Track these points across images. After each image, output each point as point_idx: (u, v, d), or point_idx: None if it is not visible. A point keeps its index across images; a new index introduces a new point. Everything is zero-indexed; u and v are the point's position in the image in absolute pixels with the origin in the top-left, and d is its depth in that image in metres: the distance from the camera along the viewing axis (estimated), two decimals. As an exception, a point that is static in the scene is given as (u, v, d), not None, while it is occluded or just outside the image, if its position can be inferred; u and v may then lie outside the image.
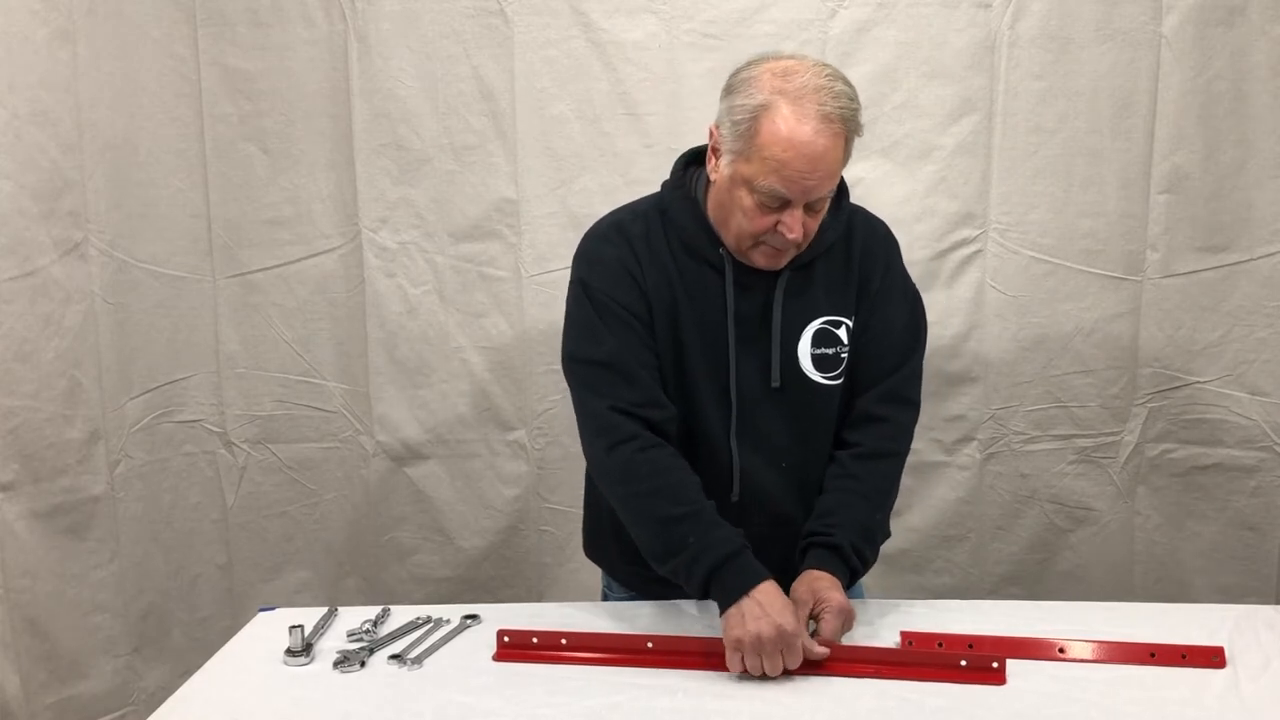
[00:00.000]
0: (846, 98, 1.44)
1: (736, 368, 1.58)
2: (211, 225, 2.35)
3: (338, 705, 1.40)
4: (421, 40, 2.26)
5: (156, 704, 1.44)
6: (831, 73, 1.46)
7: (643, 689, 1.41)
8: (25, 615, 2.04)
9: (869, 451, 1.62)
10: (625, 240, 1.59)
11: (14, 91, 1.96)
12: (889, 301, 1.64)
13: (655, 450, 1.55)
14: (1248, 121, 2.22)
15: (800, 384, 1.59)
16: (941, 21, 2.22)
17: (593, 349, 1.58)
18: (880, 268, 1.63)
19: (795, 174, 1.43)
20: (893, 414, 1.64)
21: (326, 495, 2.48)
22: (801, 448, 1.63)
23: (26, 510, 2.04)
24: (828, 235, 1.58)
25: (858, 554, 1.56)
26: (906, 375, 1.65)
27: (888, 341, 1.64)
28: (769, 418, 1.60)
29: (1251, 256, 2.28)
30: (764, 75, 1.45)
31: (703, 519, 1.51)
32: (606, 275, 1.58)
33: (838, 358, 1.60)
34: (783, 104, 1.42)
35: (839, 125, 1.43)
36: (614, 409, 1.56)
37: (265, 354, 2.41)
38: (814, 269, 1.59)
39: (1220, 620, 1.56)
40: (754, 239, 1.51)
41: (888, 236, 1.68)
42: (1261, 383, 2.31)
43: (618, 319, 1.57)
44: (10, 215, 1.97)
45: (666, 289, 1.58)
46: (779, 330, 1.57)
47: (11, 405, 2.00)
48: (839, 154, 1.45)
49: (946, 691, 1.39)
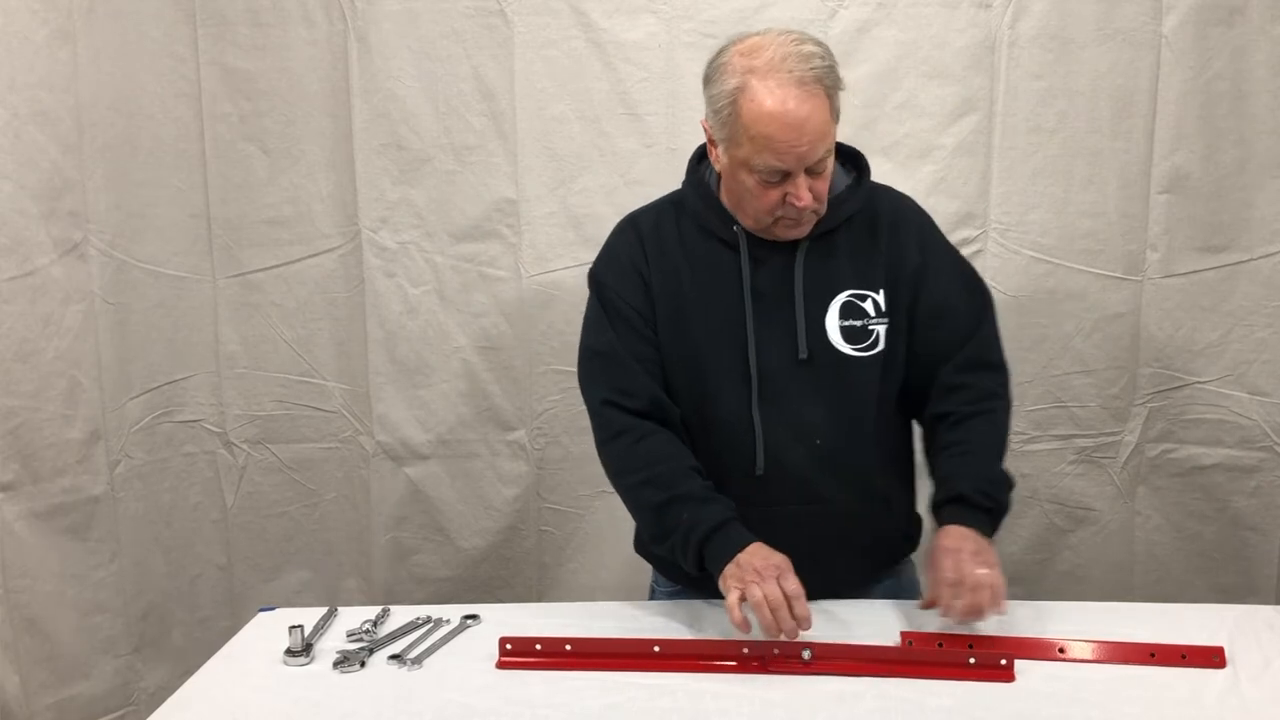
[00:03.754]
0: (817, 58, 1.45)
1: (757, 341, 1.58)
2: (211, 225, 2.35)
3: (338, 705, 1.40)
4: (421, 40, 2.26)
5: (156, 704, 1.44)
6: (797, 37, 1.48)
7: (643, 689, 1.41)
8: (25, 615, 2.04)
9: (962, 415, 1.61)
10: (636, 234, 1.66)
11: (14, 91, 1.96)
12: (939, 274, 1.63)
13: (646, 441, 1.60)
14: (1248, 121, 2.22)
15: (829, 356, 1.59)
16: (941, 21, 2.22)
17: (594, 339, 1.68)
18: (914, 242, 1.63)
19: (784, 145, 1.45)
20: (975, 380, 1.63)
21: (326, 495, 2.48)
22: (835, 425, 1.61)
23: (26, 510, 2.04)
24: (846, 206, 1.59)
25: (985, 495, 1.55)
26: (980, 341, 1.65)
27: (950, 313, 1.63)
28: (797, 391, 1.60)
29: (1251, 256, 2.28)
30: (733, 58, 1.49)
31: (692, 498, 1.55)
32: (614, 270, 1.66)
33: (866, 330, 1.60)
34: (754, 81, 1.45)
35: (814, 86, 1.44)
36: (606, 403, 1.64)
37: (265, 354, 2.41)
38: (835, 240, 1.60)
39: (1220, 620, 1.55)
40: (769, 215, 1.53)
41: (916, 210, 1.68)
42: (1261, 383, 2.31)
43: (619, 313, 1.64)
44: (10, 215, 1.97)
45: (674, 277, 1.62)
46: (802, 301, 1.58)
47: (11, 405, 2.00)
48: (823, 114, 1.46)
49: (947, 691, 1.39)
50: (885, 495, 1.69)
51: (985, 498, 1.55)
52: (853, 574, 1.66)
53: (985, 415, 1.63)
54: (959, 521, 1.53)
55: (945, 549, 1.50)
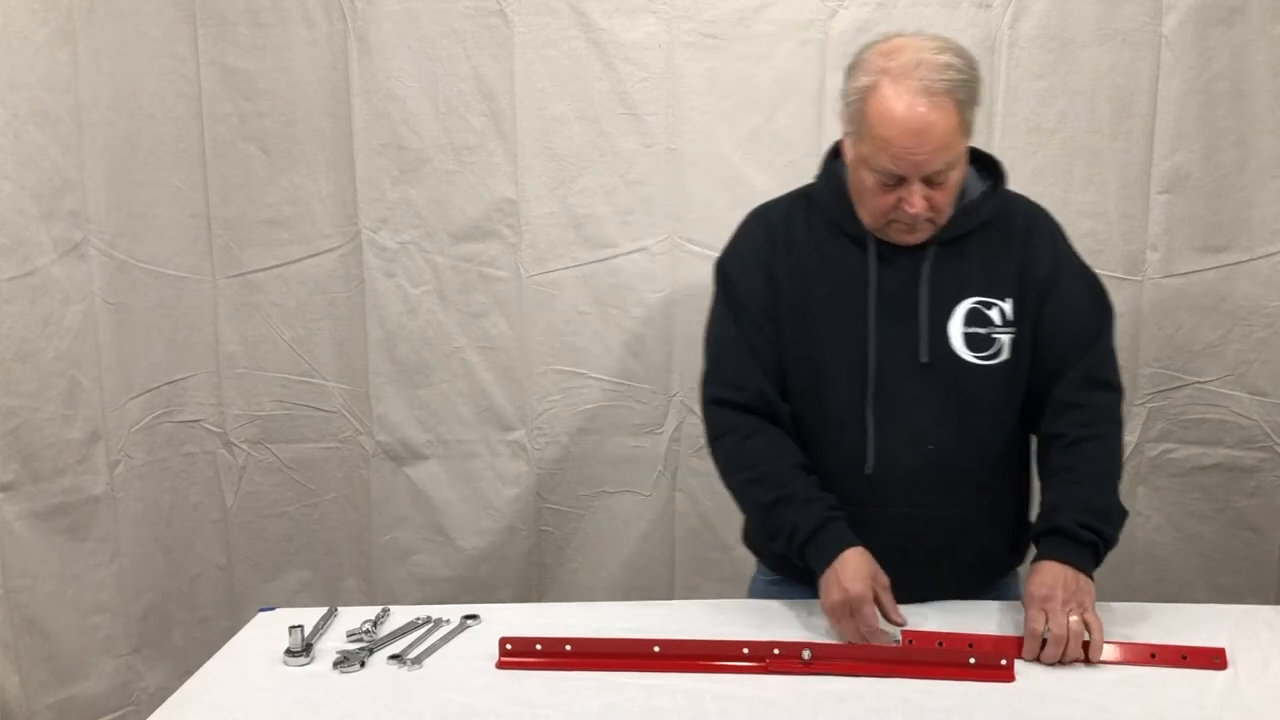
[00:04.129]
0: (953, 69, 1.45)
1: (877, 342, 1.58)
2: (211, 225, 2.35)
3: (338, 705, 1.40)
4: (421, 40, 2.26)
5: (156, 704, 1.44)
6: (940, 45, 1.48)
7: (642, 690, 1.41)
8: (25, 615, 2.04)
9: (1073, 439, 1.59)
10: (765, 227, 1.68)
11: (14, 91, 1.96)
12: (1064, 287, 1.62)
13: (753, 439, 1.63)
14: (1248, 121, 2.22)
15: (950, 362, 1.59)
16: (941, 21, 2.22)
17: (716, 330, 1.71)
18: (1046, 253, 1.62)
19: (902, 150, 1.46)
20: (1089, 399, 1.61)
21: (326, 495, 2.48)
22: (951, 431, 1.60)
23: (26, 510, 2.04)
24: (979, 213, 1.59)
25: (1087, 528, 1.52)
26: (1096, 358, 1.63)
27: (1070, 326, 1.61)
28: (913, 395, 1.59)
29: (1251, 256, 2.28)
30: (873, 56, 1.50)
31: (795, 499, 1.57)
32: (739, 262, 1.68)
33: (990, 338, 1.59)
34: (885, 83, 1.46)
35: (943, 98, 1.44)
36: (715, 401, 1.68)
37: (265, 354, 2.41)
38: (966, 247, 1.59)
39: (1220, 620, 1.56)
40: (884, 216, 1.54)
41: (1050, 221, 1.67)
42: (1261, 383, 2.31)
43: (740, 305, 1.66)
44: (10, 215, 1.97)
45: (800, 271, 1.63)
46: (926, 305, 1.58)
47: (11, 405, 2.00)
48: (948, 126, 1.45)
49: (946, 691, 1.39)
50: (994, 505, 1.67)
51: (1087, 530, 1.52)
52: (955, 583, 1.65)
53: (1097, 440, 1.60)
54: (1056, 555, 1.51)
55: (1035, 598, 1.48)
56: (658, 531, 2.43)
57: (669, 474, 2.41)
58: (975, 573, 1.68)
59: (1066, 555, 1.51)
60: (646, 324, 2.34)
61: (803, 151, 2.26)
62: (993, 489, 1.66)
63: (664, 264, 2.32)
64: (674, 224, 2.31)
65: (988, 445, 1.63)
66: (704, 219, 2.30)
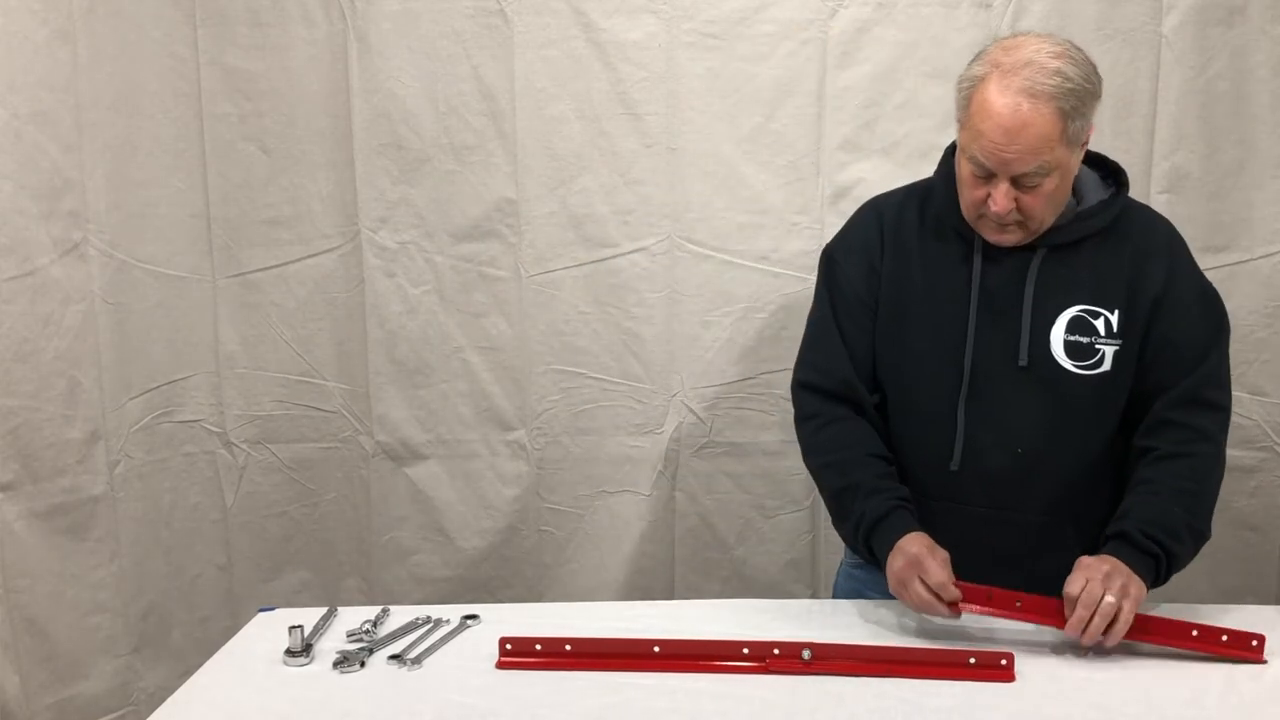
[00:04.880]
0: (1061, 75, 1.44)
1: (976, 340, 1.59)
2: (211, 225, 2.35)
3: (337, 705, 1.40)
4: (421, 40, 2.26)
5: (156, 704, 1.44)
6: (1059, 50, 1.47)
7: (642, 689, 1.41)
8: (25, 615, 2.04)
9: (1163, 454, 1.57)
10: (877, 217, 1.70)
11: (14, 91, 1.96)
12: (1176, 305, 1.59)
13: (832, 427, 1.68)
14: (1248, 121, 2.22)
15: (1048, 368, 1.58)
16: (941, 21, 2.22)
17: (814, 313, 1.74)
18: (1162, 267, 1.59)
19: (992, 145, 1.46)
20: (1189, 418, 1.58)
21: (326, 495, 2.48)
22: (1043, 436, 1.59)
23: (26, 510, 2.04)
24: (1095, 220, 1.58)
25: (1152, 539, 1.51)
26: (1203, 378, 1.59)
27: (1180, 344, 1.59)
28: (1007, 397, 1.59)
29: (1251, 256, 2.28)
30: (993, 49, 1.51)
31: (863, 488, 1.61)
32: (846, 251, 1.72)
33: (1093, 348, 1.58)
34: (995, 76, 1.47)
35: (1045, 103, 1.44)
36: (802, 384, 1.73)
37: (265, 354, 2.41)
38: (1077, 254, 1.58)
39: (1220, 620, 1.55)
40: (975, 209, 1.55)
41: (1171, 234, 1.65)
42: (1261, 383, 2.31)
43: (840, 292, 1.69)
44: (10, 215, 1.97)
45: (906, 265, 1.65)
46: (1030, 308, 1.57)
47: (11, 405, 2.00)
48: (1044, 130, 1.44)
49: (947, 691, 1.39)
50: (1080, 515, 1.65)
51: (1151, 542, 1.51)
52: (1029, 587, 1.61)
53: (1189, 458, 1.57)
54: (1111, 554, 1.51)
55: (1081, 564, 1.49)
56: (658, 531, 2.43)
57: (669, 474, 2.41)
58: (1051, 579, 1.63)
59: (1126, 558, 1.50)
60: (646, 324, 2.35)
61: (802, 151, 2.26)
62: (1079, 498, 1.64)
63: (664, 264, 2.32)
64: (674, 224, 2.31)
65: (1078, 454, 1.61)
66: (704, 219, 2.30)
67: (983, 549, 1.58)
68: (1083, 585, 1.45)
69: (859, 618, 1.61)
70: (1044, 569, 1.61)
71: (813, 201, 2.27)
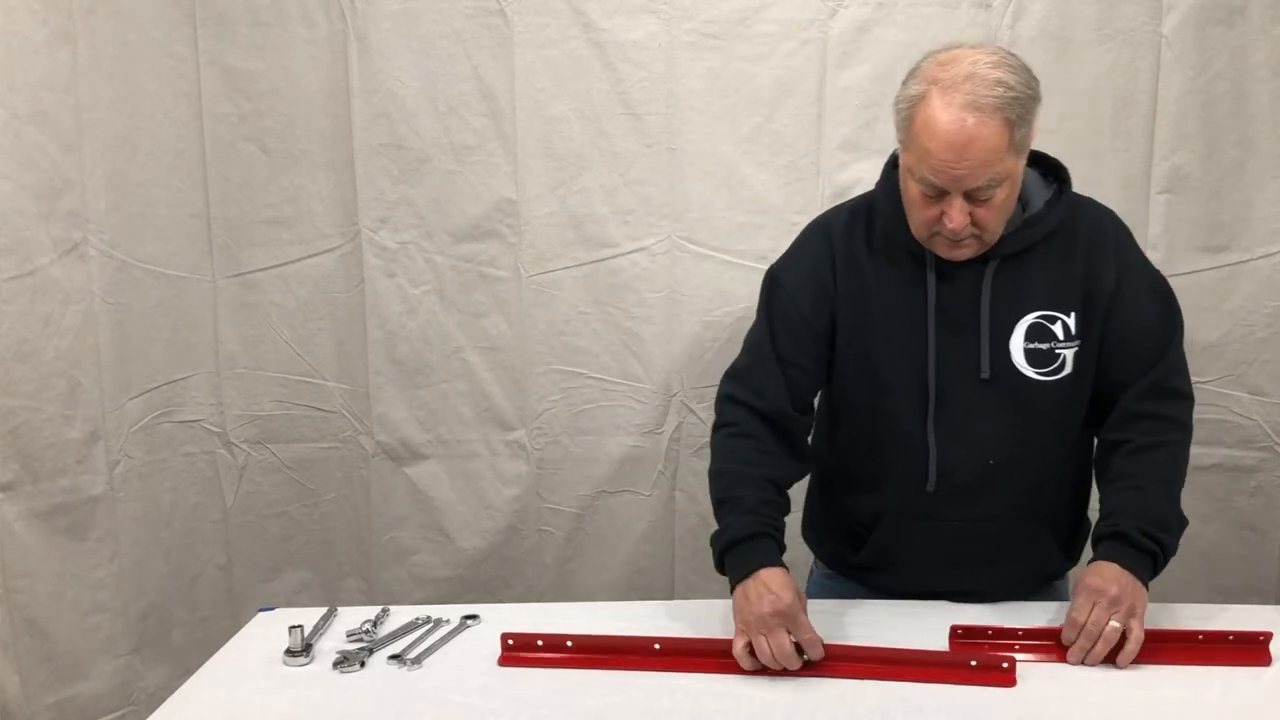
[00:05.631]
0: (1002, 86, 1.42)
1: (937, 358, 1.57)
2: (211, 225, 2.35)
3: (337, 705, 1.40)
4: (421, 40, 2.26)
5: (156, 704, 1.45)
6: (995, 60, 1.45)
7: (643, 689, 1.41)
8: (25, 615, 2.04)
9: (1137, 446, 1.58)
10: (826, 238, 1.66)
11: (14, 91, 1.96)
12: (1133, 296, 1.60)
13: (739, 440, 1.63)
14: (1248, 121, 2.22)
15: (1011, 378, 1.57)
16: (941, 21, 2.22)
17: (752, 335, 1.70)
18: (1111, 263, 1.59)
19: (942, 164, 1.43)
20: (1158, 408, 1.60)
21: (326, 495, 2.48)
22: (1013, 446, 1.59)
23: (26, 510, 2.04)
24: (1043, 225, 1.57)
25: (1148, 536, 1.51)
26: (1167, 368, 1.61)
27: (1140, 337, 1.60)
28: (974, 411, 1.58)
29: (1251, 256, 2.28)
30: (928, 65, 1.48)
31: (741, 504, 1.56)
32: (794, 274, 1.67)
33: (1053, 353, 1.57)
34: (934, 94, 1.44)
35: (991, 115, 1.41)
36: (728, 397, 1.67)
37: (265, 354, 2.41)
38: (1029, 260, 1.57)
39: (1220, 620, 1.56)
40: (928, 229, 1.52)
41: (1118, 228, 1.64)
42: (1261, 383, 2.31)
43: (784, 316, 1.65)
44: (10, 215, 1.97)
45: (860, 286, 1.61)
46: (987, 321, 1.56)
47: (11, 405, 2.00)
48: (993, 143, 1.42)
49: (947, 692, 1.39)
50: (1052, 513, 1.67)
51: (1149, 539, 1.51)
52: (1008, 586, 1.65)
53: (1164, 447, 1.59)
54: (1115, 559, 1.50)
55: (1087, 587, 1.48)
56: (658, 531, 2.43)
57: (669, 474, 2.41)
58: (1029, 576, 1.69)
59: (1126, 560, 1.50)
60: (646, 324, 2.35)
61: (802, 151, 2.26)
62: (1051, 498, 1.66)
63: (664, 264, 2.32)
64: (674, 224, 2.31)
65: (1048, 457, 1.62)
66: (704, 219, 2.30)
67: (958, 556, 1.60)
68: (1089, 612, 1.45)
69: (859, 618, 1.61)
70: (1016, 569, 1.65)
71: (813, 202, 2.27)
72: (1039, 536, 1.66)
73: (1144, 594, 1.48)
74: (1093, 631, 1.43)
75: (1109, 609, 1.44)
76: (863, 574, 1.72)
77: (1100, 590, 1.46)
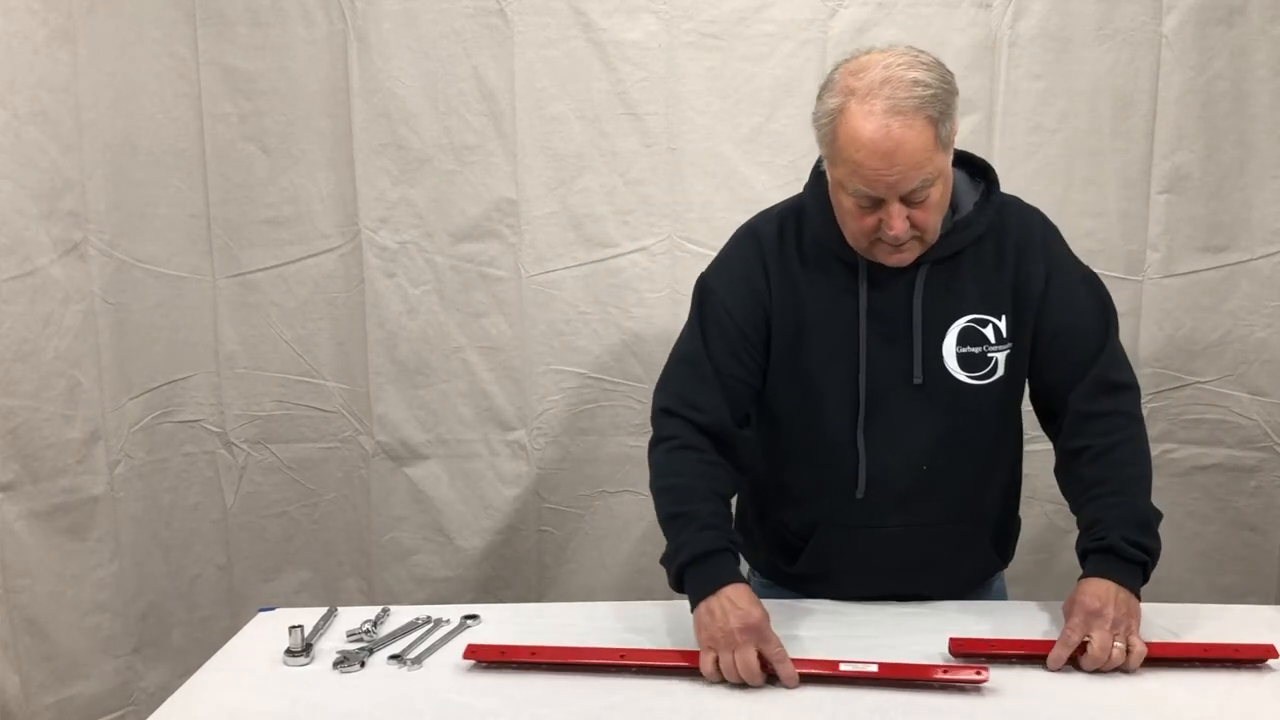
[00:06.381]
0: (920, 85, 1.39)
1: (869, 365, 1.56)
2: (211, 225, 2.35)
3: (337, 705, 1.40)
4: (421, 40, 2.26)
5: (156, 704, 1.44)
6: (908, 60, 1.42)
7: (642, 689, 1.41)
8: (25, 615, 2.04)
9: (1100, 448, 1.55)
10: (756, 245, 1.61)
11: (14, 91, 1.96)
12: (1064, 293, 1.58)
13: (683, 452, 1.58)
14: (1248, 121, 2.22)
15: (944, 383, 1.56)
16: (941, 21, 2.22)
17: (683, 345, 1.65)
18: (1040, 262, 1.57)
19: (873, 173, 1.41)
20: (1107, 405, 1.57)
21: (326, 495, 2.48)
22: (944, 452, 1.58)
23: (26, 510, 2.04)
24: (973, 227, 1.55)
25: (1135, 545, 1.48)
26: (1106, 363, 1.58)
27: (1075, 334, 1.58)
28: (907, 417, 1.57)
29: (1251, 256, 2.28)
30: (840, 76, 1.45)
31: (696, 520, 1.52)
32: (725, 282, 1.63)
33: (985, 357, 1.56)
34: (852, 104, 1.41)
35: (913, 116, 1.38)
36: (665, 410, 1.63)
37: (265, 354, 2.41)
38: (960, 264, 1.55)
39: (1220, 620, 1.56)
40: (867, 239, 1.49)
41: (1045, 226, 1.62)
42: (1261, 383, 2.31)
43: (718, 325, 1.61)
44: (10, 215, 1.97)
45: (792, 293, 1.58)
46: (919, 326, 1.55)
47: (11, 405, 2.00)
48: (921, 143, 1.39)
49: (947, 693, 1.39)
50: (986, 516, 1.67)
51: (1136, 549, 1.48)
52: (943, 587, 1.65)
53: (1124, 445, 1.56)
54: (1106, 574, 1.48)
55: (1083, 608, 1.45)
56: (658, 532, 2.40)
57: (669, 474, 2.41)
58: (964, 577, 1.69)
59: (1117, 574, 1.47)
60: (646, 324, 2.35)
61: (802, 151, 2.26)
62: (983, 499, 1.66)
63: (664, 264, 2.32)
64: (674, 224, 2.31)
65: (980, 460, 1.62)
66: (704, 219, 2.30)
67: (892, 562, 1.59)
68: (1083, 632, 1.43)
69: (860, 618, 1.61)
70: (953, 569, 1.65)
71: (813, 201, 2.26)
72: (974, 537, 1.66)
73: (1138, 607, 1.47)
74: (1100, 658, 1.41)
75: (1110, 632, 1.42)
76: (798, 582, 1.69)
77: (1098, 613, 1.44)
